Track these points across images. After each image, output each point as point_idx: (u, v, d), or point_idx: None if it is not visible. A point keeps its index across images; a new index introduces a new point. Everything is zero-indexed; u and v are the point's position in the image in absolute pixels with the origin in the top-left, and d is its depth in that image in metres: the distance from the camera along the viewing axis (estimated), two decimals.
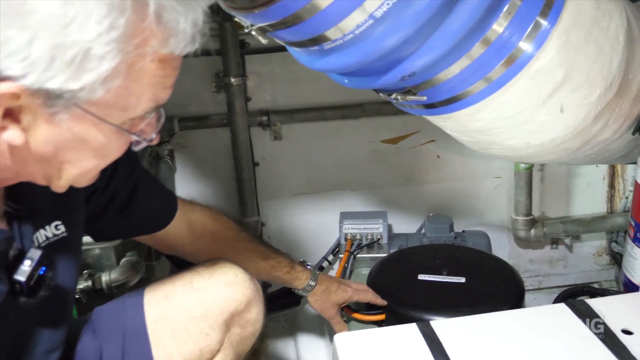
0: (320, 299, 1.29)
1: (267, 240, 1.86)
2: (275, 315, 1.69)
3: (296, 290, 1.28)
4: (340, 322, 1.34)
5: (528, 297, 1.86)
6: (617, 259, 1.85)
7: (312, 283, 1.26)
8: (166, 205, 1.04)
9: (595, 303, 1.10)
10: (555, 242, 1.93)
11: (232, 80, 1.63)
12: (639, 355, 0.97)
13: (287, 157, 1.81)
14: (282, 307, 1.63)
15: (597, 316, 1.06)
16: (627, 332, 1.02)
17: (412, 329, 1.06)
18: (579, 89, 0.95)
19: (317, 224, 1.84)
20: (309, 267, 1.31)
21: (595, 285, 1.92)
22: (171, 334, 0.88)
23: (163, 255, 1.37)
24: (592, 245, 1.95)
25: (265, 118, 1.73)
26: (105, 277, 1.12)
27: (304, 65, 0.92)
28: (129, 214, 0.97)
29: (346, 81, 0.94)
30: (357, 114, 1.77)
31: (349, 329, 1.36)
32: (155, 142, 0.70)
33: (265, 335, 1.76)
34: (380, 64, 0.85)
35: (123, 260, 1.16)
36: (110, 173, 0.92)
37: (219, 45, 1.63)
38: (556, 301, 1.34)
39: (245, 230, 1.18)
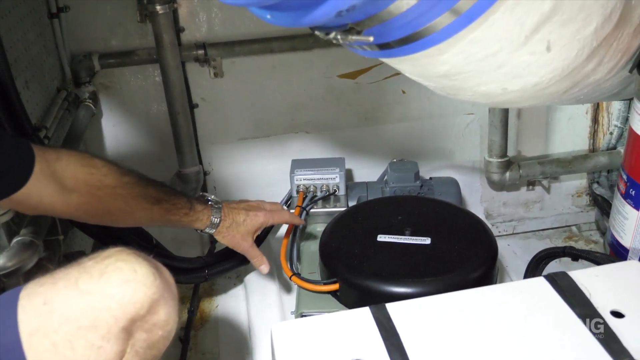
0: (229, 235, 1.18)
1: (212, 190, 1.68)
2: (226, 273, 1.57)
3: (199, 231, 1.16)
4: (257, 253, 1.23)
5: (501, 243, 1.72)
6: (598, 201, 1.71)
7: (216, 220, 1.15)
8: (16, 162, 0.87)
9: (580, 276, 0.95)
10: (531, 183, 1.79)
11: (158, 7, 1.38)
12: (632, 345, 0.81)
13: (230, 96, 1.62)
14: (231, 267, 1.50)
15: (582, 294, 0.91)
16: (617, 315, 0.87)
17: (363, 314, 0.93)
18: (570, 21, 0.76)
19: (267, 171, 1.69)
20: (210, 202, 1.17)
21: (574, 229, 1.79)
22: (52, 351, 0.69)
23: (75, 226, 1.18)
24: (572, 186, 1.81)
25: (201, 52, 1.51)
26: None
27: None
28: None
29: (268, 17, 0.71)
30: (309, 45, 1.57)
31: (301, 299, 1.20)
32: None
33: (215, 293, 1.64)
34: None
35: (13, 241, 0.95)
36: None
37: None
38: (531, 264, 1.17)
39: (129, 173, 1.02)
